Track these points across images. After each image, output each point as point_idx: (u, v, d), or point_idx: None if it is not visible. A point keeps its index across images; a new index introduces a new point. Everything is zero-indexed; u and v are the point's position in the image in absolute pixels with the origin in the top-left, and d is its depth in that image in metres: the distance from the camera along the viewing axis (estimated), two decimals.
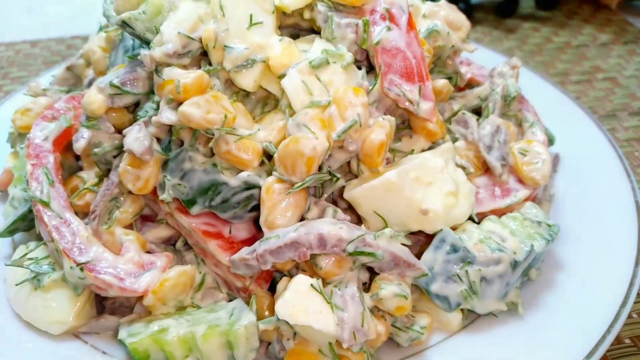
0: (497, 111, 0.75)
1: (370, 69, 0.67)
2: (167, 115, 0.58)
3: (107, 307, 0.66)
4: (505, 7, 1.48)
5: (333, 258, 0.58)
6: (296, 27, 0.72)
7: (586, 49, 1.36)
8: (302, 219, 0.60)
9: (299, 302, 0.55)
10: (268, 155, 0.62)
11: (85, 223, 0.64)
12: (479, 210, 0.68)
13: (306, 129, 0.58)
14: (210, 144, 0.61)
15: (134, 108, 0.67)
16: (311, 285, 0.56)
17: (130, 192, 0.66)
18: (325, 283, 0.58)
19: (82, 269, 0.59)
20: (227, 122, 0.59)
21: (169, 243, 0.69)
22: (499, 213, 0.68)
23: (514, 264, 0.61)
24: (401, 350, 0.61)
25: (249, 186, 0.60)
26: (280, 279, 0.60)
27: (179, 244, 0.67)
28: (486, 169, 0.72)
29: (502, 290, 0.61)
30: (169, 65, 0.61)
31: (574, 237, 0.70)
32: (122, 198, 0.66)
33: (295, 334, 0.58)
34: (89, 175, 0.73)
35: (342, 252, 0.57)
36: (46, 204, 0.63)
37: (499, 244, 0.62)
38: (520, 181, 0.70)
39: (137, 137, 0.60)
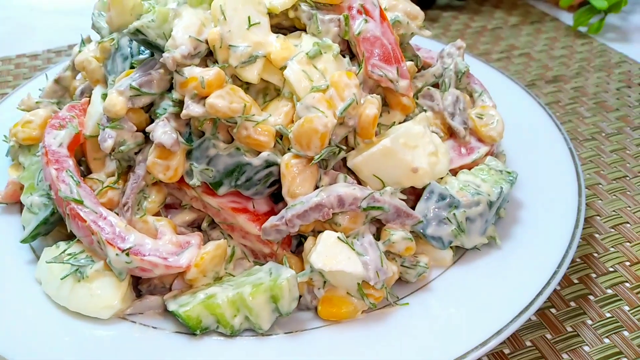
0: (452, 85, 0.89)
1: (352, 57, 0.79)
2: (194, 109, 0.66)
3: (143, 290, 0.72)
4: (425, 0, 1.66)
5: (348, 216, 0.69)
6: (278, 26, 0.81)
7: (500, 31, 1.56)
8: (315, 187, 0.71)
9: (330, 252, 0.65)
10: (279, 136, 0.71)
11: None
12: (451, 167, 0.81)
13: (315, 110, 0.68)
14: (232, 131, 0.69)
15: (148, 108, 0.74)
16: (338, 237, 0.66)
17: (154, 184, 0.74)
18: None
19: (127, 254, 0.66)
20: (246, 110, 0.68)
21: (193, 225, 0.76)
22: (467, 168, 0.82)
23: (490, 204, 0.75)
24: (410, 286, 0.73)
25: (268, 164, 0.70)
26: (305, 240, 0.70)
27: (204, 225, 0.75)
28: (451, 134, 0.86)
29: (483, 226, 0.75)
30: (185, 65, 0.69)
31: (525, 181, 0.86)
32: (147, 190, 0.73)
33: (325, 282, 0.68)
34: (99, 176, 0.79)
35: (358, 208, 0.68)
36: (80, 202, 0.69)
37: (476, 189, 0.75)
38: (480, 140, 0.85)
39: (164, 131, 0.68)
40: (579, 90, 1.29)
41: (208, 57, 0.73)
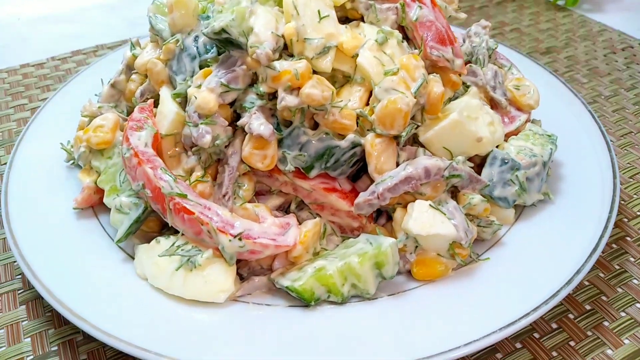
0: (486, 61, 0.98)
1: (407, 40, 0.85)
2: (291, 100, 0.71)
3: (244, 273, 0.77)
4: None
5: (430, 185, 0.76)
6: None
7: (488, 9, 1.66)
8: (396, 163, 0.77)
9: (425, 218, 0.73)
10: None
11: None
12: None
13: (395, 92, 0.74)
14: (316, 118, 0.75)
15: (231, 103, 0.78)
16: (430, 205, 0.73)
17: (245, 173, 0.78)
18: None
19: (240, 239, 0.71)
20: (333, 97, 0.74)
21: (280, 209, 0.81)
22: (511, 135, 0.91)
23: (544, 164, 0.84)
24: (484, 244, 0.81)
25: (354, 145, 0.76)
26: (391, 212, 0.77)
27: (292, 207, 0.81)
28: (492, 105, 0.94)
29: (539, 184, 0.84)
30: (273, 60, 0.74)
31: (559, 142, 0.95)
32: (239, 179, 0.77)
33: (416, 247, 0.75)
34: (177, 173, 0.82)
35: (441, 177, 0.75)
36: (184, 196, 0.73)
37: (531, 151, 0.84)
38: (519, 109, 0.94)
39: (261, 123, 0.72)
40: (571, 59, 1.40)
41: (283, 51, 0.78)
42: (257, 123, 0.73)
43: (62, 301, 0.70)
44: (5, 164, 1.10)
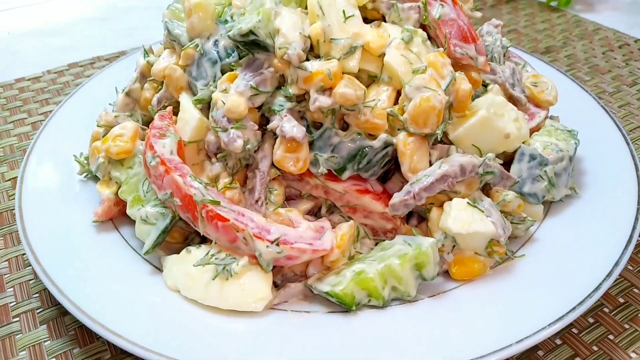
0: (502, 59, 0.98)
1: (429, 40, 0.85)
2: (324, 100, 0.70)
3: (278, 281, 0.75)
4: None
5: (464, 183, 0.75)
6: None
7: (483, 12, 1.66)
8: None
9: (464, 217, 0.72)
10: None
11: None
12: None
13: (426, 90, 0.74)
14: (347, 119, 0.74)
15: (259, 107, 0.76)
16: (468, 203, 0.72)
17: (274, 178, 0.76)
18: None
19: (278, 244, 0.68)
20: (365, 96, 0.73)
21: (310, 213, 0.79)
22: (532, 131, 0.91)
23: (570, 158, 0.84)
24: (518, 241, 0.80)
25: (386, 145, 0.75)
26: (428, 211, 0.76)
27: (323, 211, 0.79)
28: (512, 102, 0.94)
29: (567, 179, 0.84)
30: (303, 61, 0.72)
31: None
32: (270, 184, 0.75)
33: (453, 247, 0.74)
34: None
35: (476, 175, 0.74)
36: (217, 203, 0.71)
37: (557, 146, 0.84)
38: (537, 105, 0.94)
39: (293, 126, 0.71)
40: (572, 58, 1.42)
41: (309, 52, 0.77)
42: (289, 125, 0.71)
43: (95, 318, 0.66)
44: (9, 180, 1.06)
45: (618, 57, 1.42)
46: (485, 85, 0.93)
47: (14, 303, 0.82)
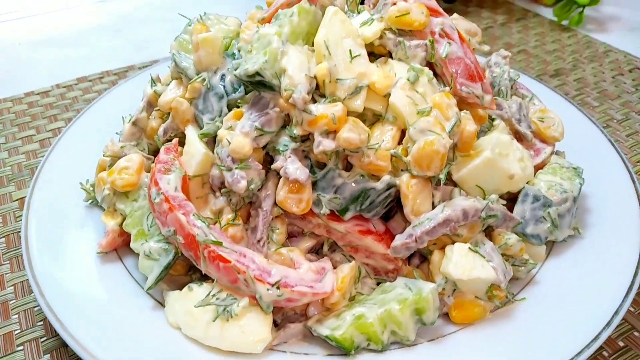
0: (509, 92, 0.97)
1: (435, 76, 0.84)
2: (328, 144, 0.70)
3: (277, 320, 0.75)
4: None
5: (467, 226, 0.75)
6: None
7: (493, 30, 1.67)
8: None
9: (465, 262, 0.72)
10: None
11: None
12: None
13: (431, 133, 0.74)
14: (350, 159, 0.74)
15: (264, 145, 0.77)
16: (469, 248, 0.72)
17: (277, 216, 0.77)
18: None
19: (278, 287, 0.69)
20: (369, 139, 0.73)
21: (312, 251, 0.80)
22: (537, 168, 0.91)
23: (574, 199, 0.84)
24: (519, 282, 0.80)
25: (389, 186, 0.75)
26: (430, 253, 0.76)
27: (325, 249, 0.79)
28: (517, 138, 0.94)
29: (570, 220, 0.84)
30: (308, 103, 0.72)
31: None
32: (272, 222, 0.76)
33: (454, 290, 0.74)
34: (205, 214, 0.81)
35: (479, 219, 0.74)
36: (220, 243, 0.71)
37: (561, 187, 0.84)
38: (543, 141, 0.93)
39: (297, 167, 0.71)
40: (581, 82, 1.41)
41: (315, 90, 0.77)
42: (293, 167, 0.71)
43: (96, 355, 0.67)
44: (16, 200, 1.07)
45: (628, 81, 1.41)
46: (492, 119, 0.93)
47: (19, 331, 0.83)
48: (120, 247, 0.85)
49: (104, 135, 1.02)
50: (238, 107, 0.79)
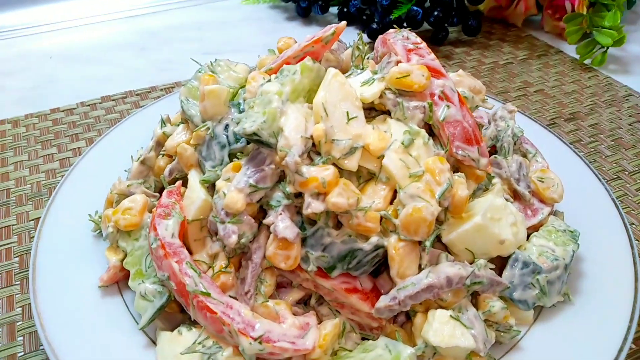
0: (511, 149, 0.98)
1: (433, 136, 0.86)
2: (317, 206, 0.73)
3: None
4: (439, 37, 1.74)
5: (452, 292, 0.77)
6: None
7: (512, 66, 1.66)
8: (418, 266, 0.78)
9: (445, 330, 0.73)
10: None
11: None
12: None
13: (420, 199, 0.75)
14: (340, 219, 0.76)
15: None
16: (450, 315, 0.74)
17: (267, 268, 0.80)
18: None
19: (260, 342, 0.72)
20: (359, 202, 0.75)
21: (301, 302, 0.82)
22: (533, 228, 0.91)
23: (565, 267, 0.84)
24: (503, 347, 0.81)
25: (377, 247, 0.77)
26: (414, 315, 0.78)
27: (313, 301, 0.82)
28: (515, 196, 0.94)
29: (560, 287, 0.84)
30: (301, 165, 0.75)
31: (582, 235, 0.95)
32: (261, 274, 0.79)
33: (434, 353, 0.76)
34: (201, 257, 0.84)
35: (463, 286, 0.76)
36: (208, 294, 0.74)
37: (553, 254, 0.84)
38: (542, 201, 0.94)
39: (286, 226, 0.74)
40: (596, 127, 1.40)
41: (312, 148, 0.79)
42: (282, 226, 0.74)
43: None
44: (32, 220, 1.13)
45: None
46: (491, 177, 0.94)
47: (22, 354, 0.88)
48: (122, 280, 0.89)
49: (119, 164, 1.07)
50: (238, 158, 0.82)
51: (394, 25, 0.97)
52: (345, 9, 1.85)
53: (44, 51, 1.74)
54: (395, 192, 0.80)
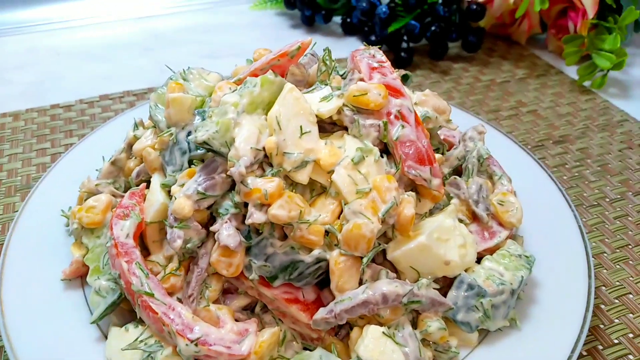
0: (475, 170, 0.98)
1: (388, 154, 0.87)
2: (259, 217, 0.75)
3: None
4: (438, 52, 1.74)
5: (389, 309, 0.78)
6: (320, 123, 0.90)
7: (508, 85, 1.65)
8: (360, 280, 0.79)
9: (376, 346, 0.74)
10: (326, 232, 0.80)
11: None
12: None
13: (362, 216, 0.77)
14: (286, 230, 0.78)
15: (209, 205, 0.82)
16: (383, 332, 0.75)
17: (213, 273, 0.82)
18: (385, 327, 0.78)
19: (196, 344, 0.74)
20: (302, 215, 0.77)
21: (247, 308, 0.85)
22: (490, 251, 0.91)
23: (512, 292, 0.84)
24: None
25: (319, 260, 0.78)
26: (351, 328, 0.79)
27: (257, 309, 0.84)
28: (474, 218, 0.95)
29: (506, 311, 0.84)
30: (248, 176, 0.77)
31: (539, 261, 0.95)
32: (207, 279, 0.81)
33: None
34: (157, 258, 0.87)
35: (399, 304, 0.77)
36: (151, 295, 0.77)
37: (500, 278, 0.84)
38: (501, 224, 0.94)
39: (229, 234, 0.76)
40: (584, 152, 1.38)
41: (265, 159, 0.82)
42: (225, 234, 0.76)
43: None
44: (16, 212, 1.18)
45: (634, 157, 1.37)
46: (451, 197, 0.95)
47: None
48: (85, 275, 0.93)
49: (101, 164, 1.11)
50: (195, 164, 0.85)
51: (364, 43, 0.99)
52: (348, 19, 1.87)
53: (54, 48, 1.81)
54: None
